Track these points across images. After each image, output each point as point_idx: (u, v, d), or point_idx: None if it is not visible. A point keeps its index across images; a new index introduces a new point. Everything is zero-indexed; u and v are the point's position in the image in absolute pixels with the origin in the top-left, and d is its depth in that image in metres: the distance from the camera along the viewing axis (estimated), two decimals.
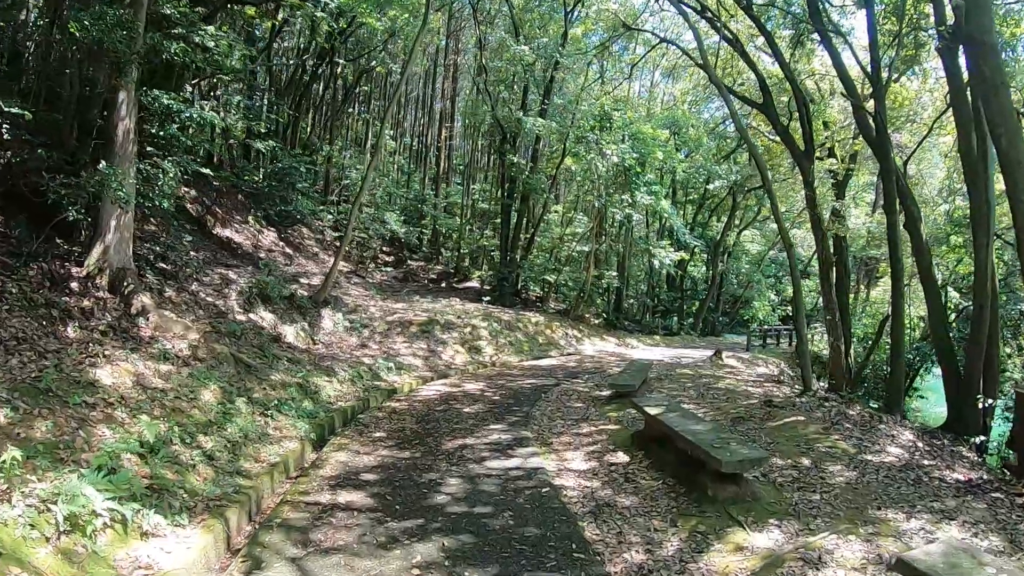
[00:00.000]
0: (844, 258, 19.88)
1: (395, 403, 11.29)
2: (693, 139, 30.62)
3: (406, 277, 28.42)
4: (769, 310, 44.41)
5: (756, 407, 10.51)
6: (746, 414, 9.98)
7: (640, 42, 31.96)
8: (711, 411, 10.51)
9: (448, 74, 35.94)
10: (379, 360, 13.85)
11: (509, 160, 24.85)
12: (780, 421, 9.49)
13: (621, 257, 32.74)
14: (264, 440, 7.96)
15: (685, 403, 11.41)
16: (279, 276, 17.43)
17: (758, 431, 9.05)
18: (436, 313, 18.78)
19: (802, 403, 10.75)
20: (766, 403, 10.61)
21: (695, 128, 30.85)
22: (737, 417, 9.80)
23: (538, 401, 11.52)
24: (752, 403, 11.03)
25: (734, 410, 10.36)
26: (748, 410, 10.32)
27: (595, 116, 23.54)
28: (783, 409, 10.17)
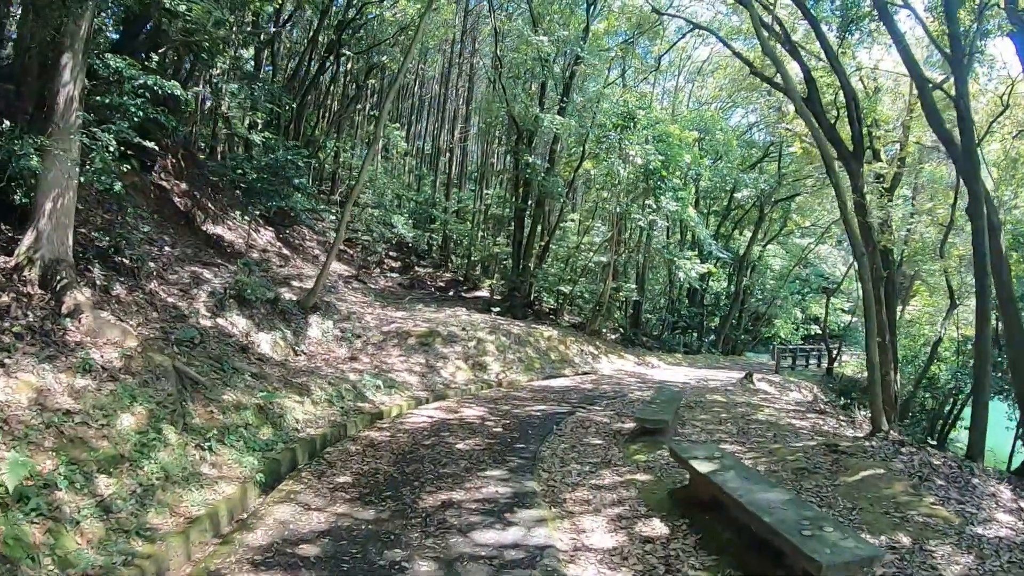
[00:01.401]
0: (893, 274, 17.80)
1: (376, 432, 9.36)
2: (721, 143, 28.60)
3: (412, 284, 26.59)
4: (792, 329, 42.26)
5: (816, 452, 8.52)
6: (808, 463, 7.97)
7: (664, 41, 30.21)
8: (762, 457, 8.51)
9: (463, 72, 34.25)
10: (366, 376, 11.94)
11: (524, 161, 22.96)
12: (856, 475, 7.49)
13: (640, 268, 30.73)
14: (192, 482, 6.13)
15: (726, 442, 9.45)
16: (267, 277, 15.73)
17: (830, 489, 7.07)
18: (439, 324, 16.88)
19: (874, 448, 8.75)
20: (829, 448, 8.61)
21: (723, 132, 28.80)
22: (799, 468, 7.79)
23: (548, 435, 9.53)
24: (810, 445, 9.04)
25: (791, 456, 8.35)
26: (808, 456, 8.32)
27: (618, 114, 21.60)
28: (853, 457, 8.19)
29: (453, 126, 35.26)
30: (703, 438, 9.69)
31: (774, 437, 10.00)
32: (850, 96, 15.65)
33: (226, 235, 17.86)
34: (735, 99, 35.90)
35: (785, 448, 8.98)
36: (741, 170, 31.63)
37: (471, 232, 30.69)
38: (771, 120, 35.50)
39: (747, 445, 9.32)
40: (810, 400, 18.99)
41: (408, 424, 10.00)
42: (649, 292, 34.53)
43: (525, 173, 23.73)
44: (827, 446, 8.85)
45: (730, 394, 15.65)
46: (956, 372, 17.65)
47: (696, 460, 6.12)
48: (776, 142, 33.93)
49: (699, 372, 21.95)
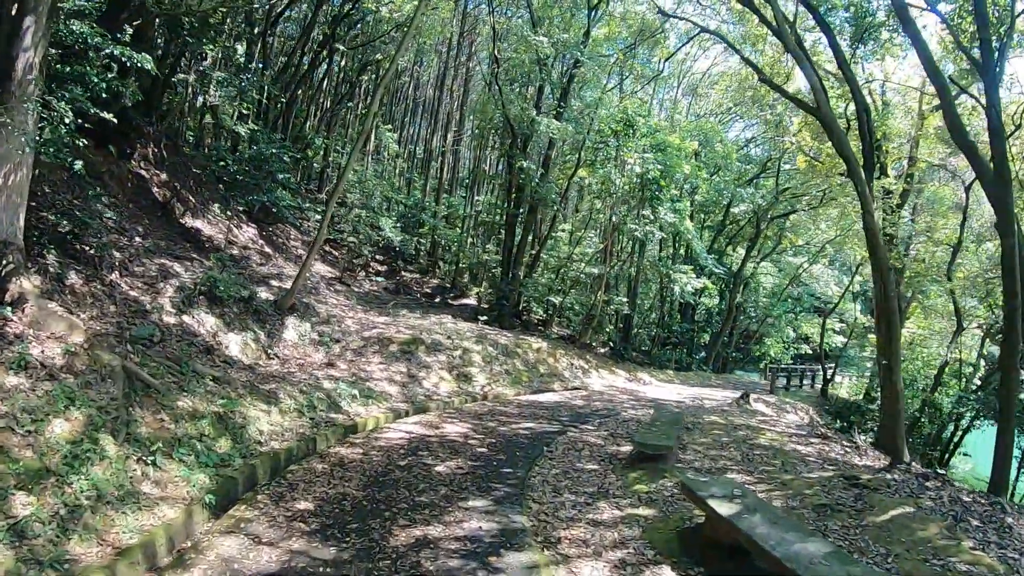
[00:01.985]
0: (899, 295, 17.08)
1: (348, 448, 8.45)
2: (721, 155, 27.90)
3: (398, 289, 25.70)
4: (781, 348, 41.61)
5: (836, 485, 7.71)
6: (829, 499, 7.14)
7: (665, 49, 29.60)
8: (775, 489, 7.68)
9: (458, 75, 33.48)
10: (342, 385, 11.03)
11: (519, 165, 22.17)
12: (884, 514, 6.68)
13: (632, 282, 29.96)
14: (128, 504, 5.27)
15: (732, 471, 8.62)
16: (244, 275, 14.85)
17: (858, 531, 6.25)
18: (423, 331, 15.99)
19: (897, 482, 7.95)
20: (849, 482, 7.79)
21: (723, 144, 28.11)
22: (820, 504, 6.95)
23: (538, 458, 8.62)
24: (825, 477, 8.24)
25: (809, 491, 7.52)
26: (827, 490, 7.50)
27: (617, 120, 20.85)
28: (877, 492, 7.38)
29: (446, 130, 34.48)
30: (706, 465, 8.85)
31: (783, 466, 9.19)
32: (861, 107, 14.99)
33: (205, 229, 16.97)
34: (735, 112, 35.35)
35: (799, 480, 8.15)
36: (738, 184, 30.96)
37: (460, 238, 29.82)
38: (769, 135, 35.07)
39: (755, 475, 8.49)
40: (807, 423, 18.26)
41: (384, 440, 9.09)
42: (640, 306, 33.75)
43: (519, 178, 22.94)
44: (845, 478, 8.05)
45: (728, 415, 14.85)
46: (961, 397, 16.92)
47: (714, 500, 5.27)
48: (774, 157, 33.40)
49: (692, 390, 21.14)
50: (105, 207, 11.54)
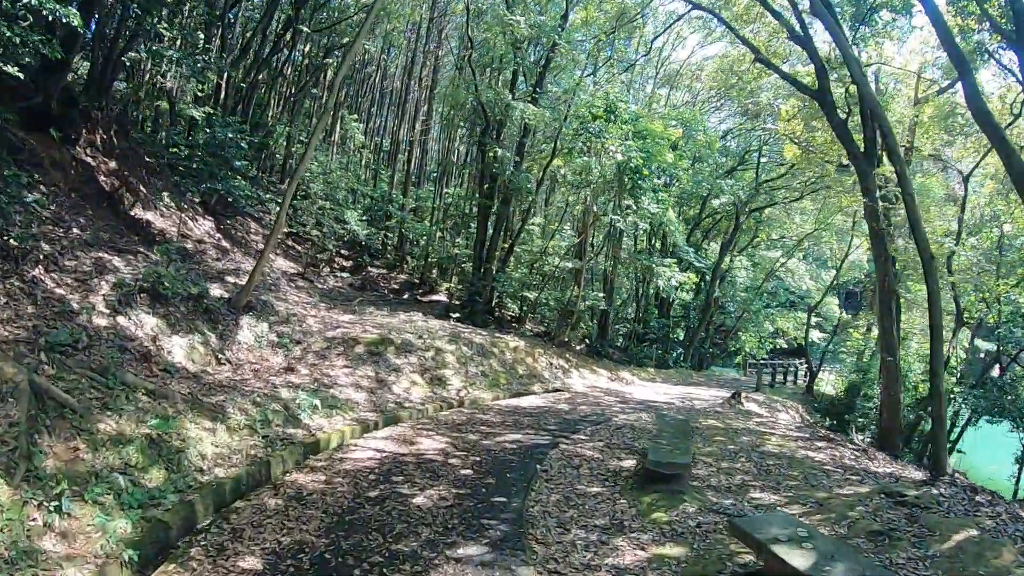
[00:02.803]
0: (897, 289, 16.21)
1: (308, 474, 7.16)
2: (702, 144, 26.90)
3: (364, 285, 24.32)
4: (757, 343, 40.97)
5: (881, 504, 6.68)
6: (879, 522, 6.11)
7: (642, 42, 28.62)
8: (813, 511, 6.59)
9: (427, 62, 32.04)
10: (302, 394, 9.70)
11: (491, 153, 20.91)
12: (948, 540, 5.68)
13: (608, 276, 28.81)
14: (22, 566, 3.99)
15: (753, 487, 7.55)
16: (197, 271, 13.47)
17: (928, 563, 5.19)
18: (391, 330, 14.68)
19: (946, 498, 6.95)
20: (894, 500, 6.75)
21: (704, 133, 27.13)
22: (875, 532, 5.88)
23: (533, 480, 7.37)
24: (862, 492, 7.24)
25: (852, 512, 6.45)
26: (872, 510, 6.49)
27: (598, 105, 19.70)
28: (928, 511, 6.38)
29: (414, 120, 33.04)
30: (723, 482, 7.74)
31: (806, 479, 8.16)
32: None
33: (157, 222, 15.52)
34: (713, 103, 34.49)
35: (835, 498, 7.08)
36: (717, 176, 30.07)
37: (429, 231, 28.42)
38: (748, 127, 34.27)
39: (782, 492, 7.41)
40: (802, 423, 17.40)
41: (351, 461, 7.80)
42: (614, 302, 32.68)
43: (491, 167, 21.68)
44: (887, 495, 7.03)
45: (724, 418, 13.85)
46: (965, 395, 16.18)
47: (780, 546, 4.11)
48: (752, 149, 32.62)
49: (678, 389, 20.16)
50: (39, 194, 10.12)
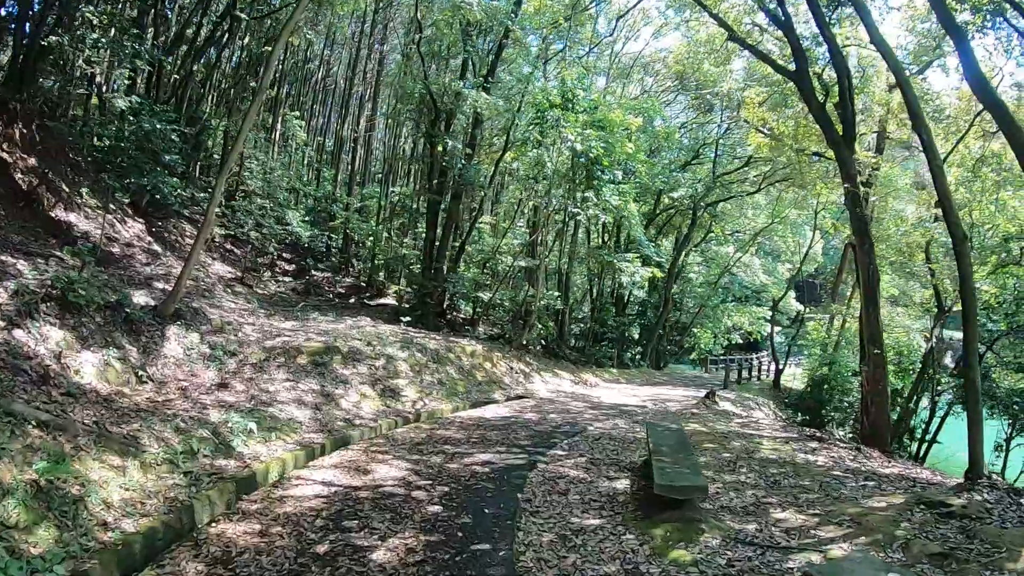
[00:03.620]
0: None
1: (239, 523, 5.71)
2: (661, 135, 26.00)
3: (308, 289, 22.75)
4: (712, 338, 40.50)
5: (925, 519, 5.65)
6: (939, 543, 5.02)
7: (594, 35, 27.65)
8: (852, 532, 5.46)
9: (372, 55, 30.47)
10: (235, 416, 8.21)
11: (440, 145, 19.56)
12: (1020, 559, 4.57)
13: (563, 274, 27.67)
14: None
15: (770, 505, 6.45)
16: (123, 276, 12.04)
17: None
18: (338, 337, 13.20)
19: (992, 505, 5.95)
20: (937, 510, 5.76)
21: (664, 124, 26.27)
22: (936, 555, 4.82)
23: (518, 515, 6.03)
24: (897, 503, 6.25)
25: (898, 530, 5.40)
26: (919, 526, 5.49)
27: (554, 94, 18.53)
28: (981, 523, 5.40)
29: (358, 116, 31.42)
30: (735, 501, 6.62)
31: (822, 489, 7.13)
32: (843, 72, 13.27)
33: (81, 223, 13.95)
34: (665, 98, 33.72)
35: (870, 513, 6.01)
36: (673, 169, 29.27)
37: (375, 231, 26.85)
38: (701, 121, 33.68)
39: (805, 510, 6.33)
40: (783, 422, 16.64)
41: (293, 501, 6.38)
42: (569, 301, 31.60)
43: (441, 161, 20.33)
44: (927, 505, 6.03)
45: (705, 420, 12.86)
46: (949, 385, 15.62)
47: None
48: (707, 143, 31.97)
49: (645, 390, 19.17)
50: None
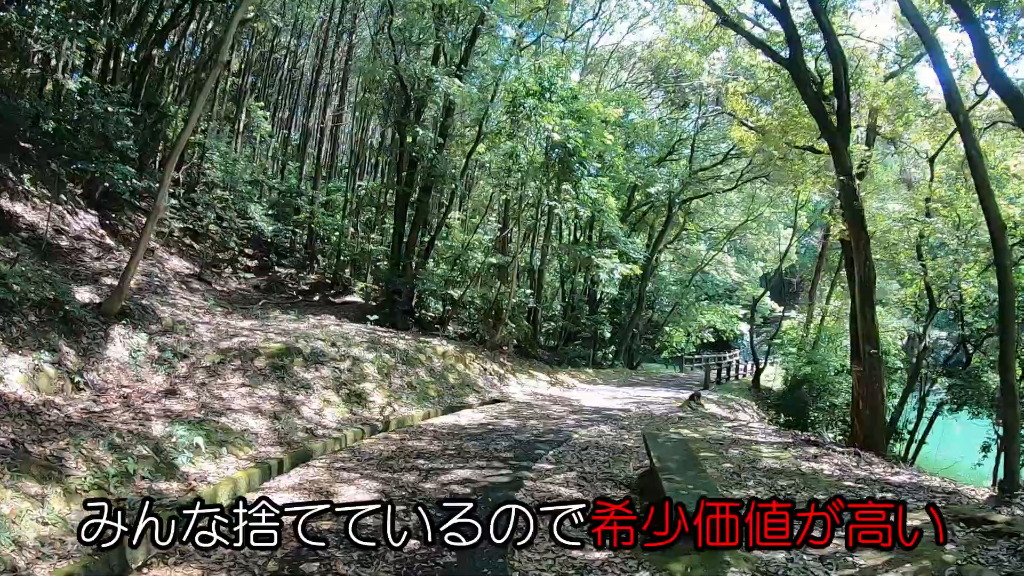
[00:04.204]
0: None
1: (175, 568, 4.73)
2: (640, 127, 25.24)
3: (270, 286, 21.63)
4: (684, 337, 39.96)
5: (963, 534, 4.89)
6: (994, 567, 4.25)
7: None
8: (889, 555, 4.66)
9: (340, 43, 29.23)
10: (179, 429, 7.20)
11: (411, 135, 18.54)
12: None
13: (537, 271, 26.70)
14: None
15: None
16: (69, 270, 11.08)
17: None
18: (300, 337, 12.18)
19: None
20: (981, 530, 5.03)
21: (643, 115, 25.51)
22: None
23: (508, 551, 5.12)
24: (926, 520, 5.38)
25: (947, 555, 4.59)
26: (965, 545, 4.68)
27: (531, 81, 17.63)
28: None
29: (325, 106, 30.19)
30: None
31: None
32: (838, 60, 12.57)
33: (27, 215, 12.78)
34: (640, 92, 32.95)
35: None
36: (648, 165, 28.55)
37: (341, 226, 25.70)
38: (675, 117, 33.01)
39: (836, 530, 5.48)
40: (774, 426, 15.99)
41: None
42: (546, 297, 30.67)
43: (411, 152, 19.30)
44: (965, 522, 5.29)
45: (694, 425, 12.09)
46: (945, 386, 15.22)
47: None
48: (683, 138, 31.31)
49: (624, 392, 18.38)
50: None
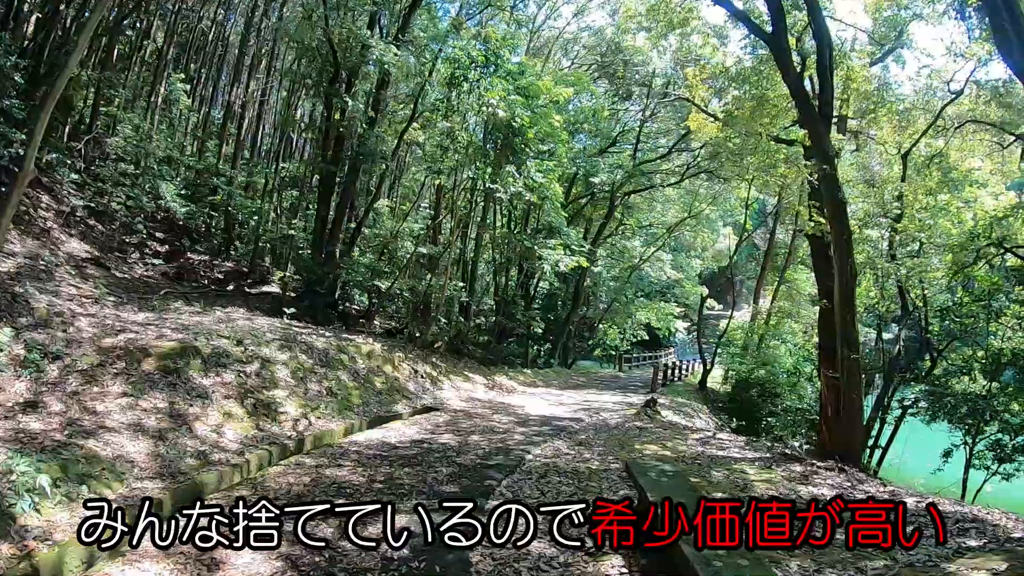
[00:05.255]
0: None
1: None
2: (588, 112, 23.76)
3: (181, 274, 19.26)
4: (618, 335, 39.03)
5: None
6: None
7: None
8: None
9: (269, 12, 26.76)
10: (20, 463, 5.24)
11: (339, 106, 16.58)
12: None
13: (469, 262, 24.91)
14: None
15: None
16: None
17: None
18: (200, 334, 10.15)
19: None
20: None
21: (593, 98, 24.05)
22: None
23: None
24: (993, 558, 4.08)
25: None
26: None
27: (476, 51, 15.91)
28: None
29: (249, 80, 27.59)
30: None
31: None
32: (823, 38, 11.41)
33: None
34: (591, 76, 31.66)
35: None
36: (591, 155, 27.23)
37: (260, 209, 23.34)
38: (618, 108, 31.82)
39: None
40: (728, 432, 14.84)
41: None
42: (477, 291, 28.88)
43: (339, 126, 17.30)
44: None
45: (658, 438, 10.69)
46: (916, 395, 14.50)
47: None
48: (626, 130, 30.16)
49: (569, 396, 16.96)
50: None
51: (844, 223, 11.27)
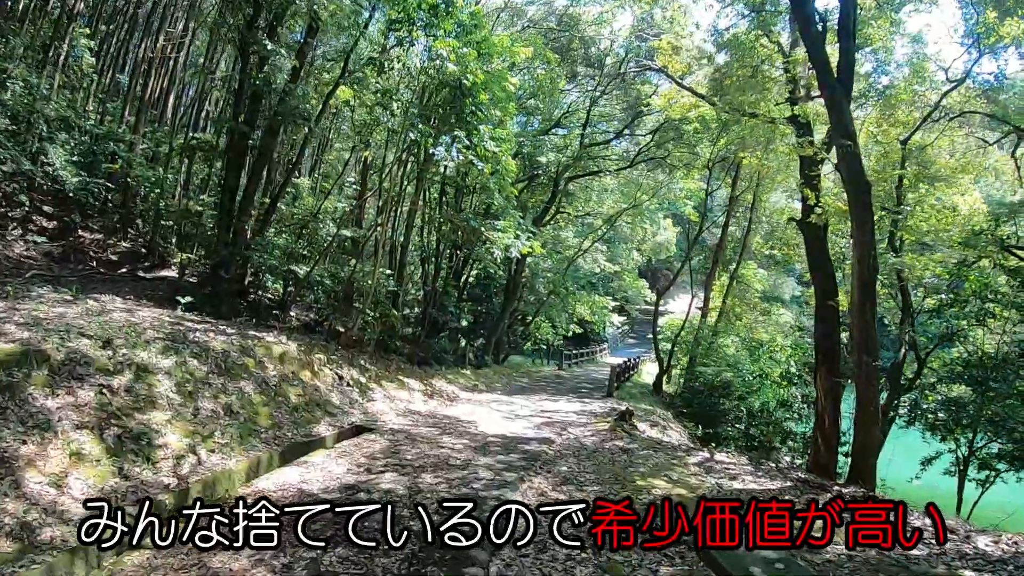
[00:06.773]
0: None
1: None
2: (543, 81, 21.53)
3: (68, 255, 16.23)
4: (550, 329, 37.21)
5: None
6: None
7: None
8: None
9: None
10: None
11: (257, 54, 13.79)
12: None
13: (397, 247, 22.21)
14: None
15: None
16: None
17: None
18: (56, 332, 7.37)
19: None
20: None
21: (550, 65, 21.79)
22: None
23: None
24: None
25: None
26: None
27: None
28: None
29: (158, 32, 24.02)
30: None
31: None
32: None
33: None
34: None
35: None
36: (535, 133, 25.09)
37: (162, 180, 20.06)
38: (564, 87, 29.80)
39: None
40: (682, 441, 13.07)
41: None
42: (408, 282, 26.23)
43: (254, 79, 14.45)
44: None
45: (654, 466, 8.58)
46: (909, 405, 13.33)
47: None
48: (572, 110, 28.10)
49: (524, 404, 14.88)
50: None
51: (869, 208, 9.51)
